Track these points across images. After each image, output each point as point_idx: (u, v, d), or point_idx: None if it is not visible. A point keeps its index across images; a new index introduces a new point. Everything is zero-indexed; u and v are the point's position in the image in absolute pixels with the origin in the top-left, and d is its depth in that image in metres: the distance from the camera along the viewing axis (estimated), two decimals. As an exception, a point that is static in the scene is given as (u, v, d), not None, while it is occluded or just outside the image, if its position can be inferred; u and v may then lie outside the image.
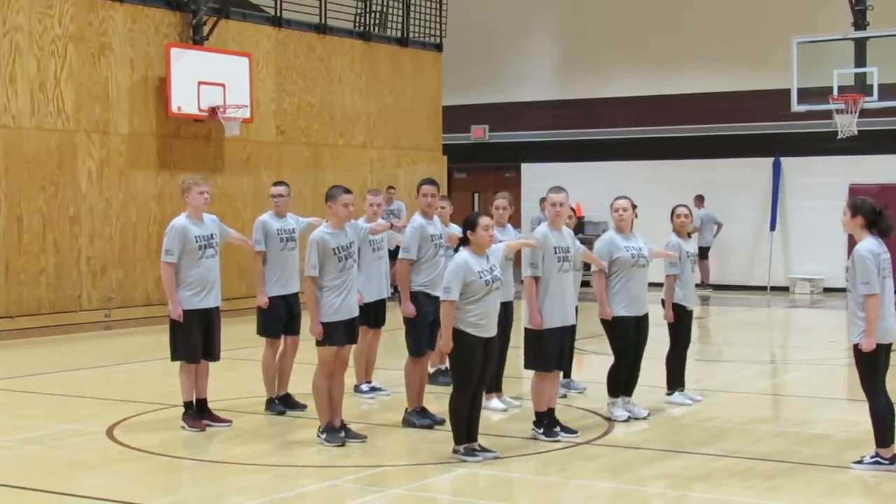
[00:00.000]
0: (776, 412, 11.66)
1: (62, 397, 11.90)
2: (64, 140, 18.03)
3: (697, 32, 25.72)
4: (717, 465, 8.64)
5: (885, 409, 8.31)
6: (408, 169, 24.08)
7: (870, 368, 8.29)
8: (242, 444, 9.49)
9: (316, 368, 9.25)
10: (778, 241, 24.97)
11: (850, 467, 8.41)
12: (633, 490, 7.99)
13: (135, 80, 19.06)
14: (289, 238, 10.72)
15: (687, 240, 11.06)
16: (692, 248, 11.06)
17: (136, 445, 9.30)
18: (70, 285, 18.02)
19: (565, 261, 9.44)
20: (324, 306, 9.16)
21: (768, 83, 23.89)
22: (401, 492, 7.97)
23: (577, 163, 26.44)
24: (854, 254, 8.27)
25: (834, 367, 14.18)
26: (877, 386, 8.32)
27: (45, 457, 9.08)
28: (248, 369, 11.99)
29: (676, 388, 11.08)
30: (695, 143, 25.73)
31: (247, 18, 21.24)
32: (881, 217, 8.35)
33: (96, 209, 18.41)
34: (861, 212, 8.36)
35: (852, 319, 8.31)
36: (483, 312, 8.56)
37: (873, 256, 8.21)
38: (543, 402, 9.43)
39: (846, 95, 19.76)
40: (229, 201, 20.26)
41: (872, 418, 8.37)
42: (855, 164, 23.66)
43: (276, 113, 21.50)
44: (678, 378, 11.09)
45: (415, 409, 9.99)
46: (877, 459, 8.36)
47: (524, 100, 27.66)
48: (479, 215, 8.72)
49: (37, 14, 17.73)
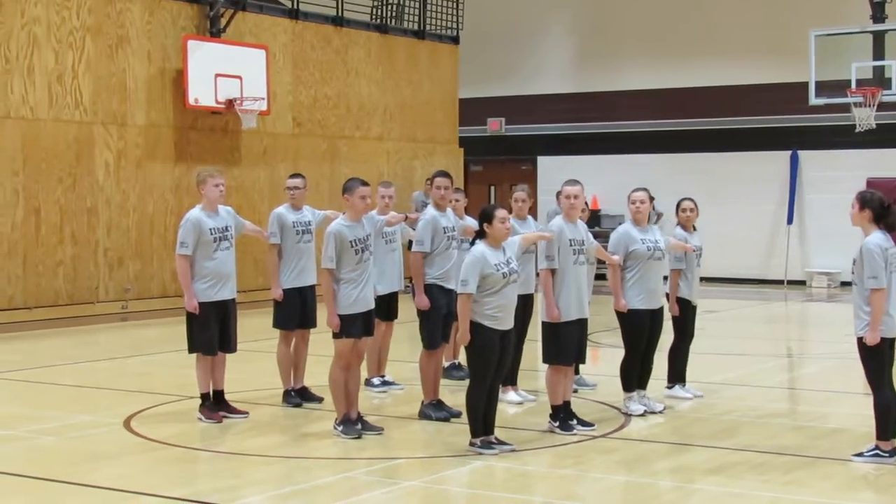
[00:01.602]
0: (793, 406, 11.62)
1: (79, 388, 11.94)
2: (81, 132, 18.07)
3: (713, 25, 25.63)
4: (733, 458, 8.62)
5: (889, 402, 8.28)
6: (424, 161, 24.07)
7: (875, 362, 8.27)
8: (258, 435, 9.51)
9: (332, 361, 9.26)
10: (795, 234, 24.88)
11: (851, 460, 8.39)
12: (648, 483, 7.97)
13: (152, 72, 19.10)
14: (305, 231, 10.71)
15: (692, 233, 10.99)
16: (697, 242, 10.99)
17: (153, 437, 9.32)
18: (87, 277, 18.08)
19: (580, 253, 9.43)
20: (341, 299, 9.16)
21: (786, 76, 23.80)
22: (416, 484, 7.97)
23: (594, 156, 26.38)
24: (862, 247, 8.24)
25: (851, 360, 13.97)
26: (882, 379, 8.30)
27: (61, 448, 9.11)
28: (264, 361, 12.01)
29: (677, 382, 11.03)
30: (711, 136, 25.65)
31: (264, 11, 21.25)
32: (889, 211, 8.32)
33: (113, 201, 18.46)
34: (869, 205, 8.34)
35: (857, 313, 8.29)
36: (500, 305, 8.54)
37: (881, 251, 8.19)
38: (559, 395, 9.42)
39: (864, 88, 19.69)
40: (246, 194, 20.30)
41: (876, 411, 8.36)
42: (873, 157, 23.55)
43: (293, 105, 21.52)
44: (680, 372, 11.04)
45: (431, 402, 9.98)
46: (877, 452, 8.35)
47: (540, 93, 27.61)
48: (495, 207, 8.69)
49: (55, 6, 17.77)
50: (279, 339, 10.76)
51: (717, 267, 24.04)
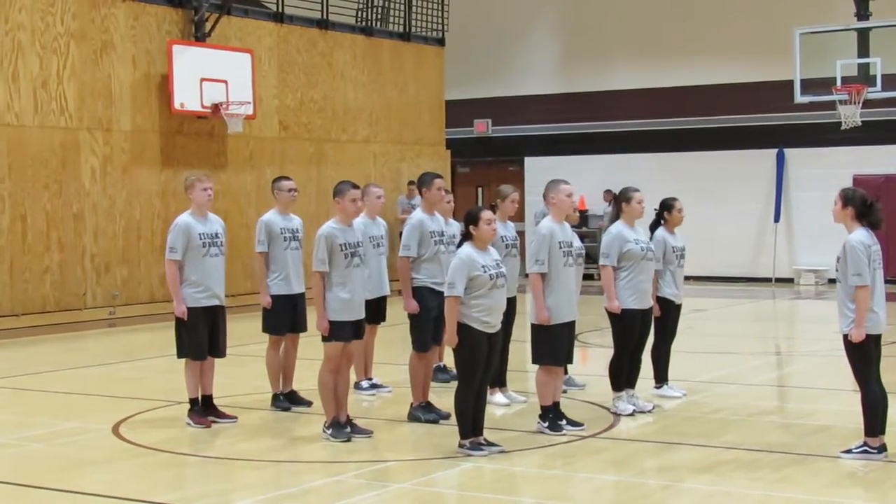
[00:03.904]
0: (781, 404, 11.65)
1: (67, 395, 11.91)
2: (67, 138, 18.03)
3: (700, 24, 25.68)
4: (723, 457, 8.63)
5: (877, 399, 8.30)
6: (411, 164, 24.06)
7: (861, 359, 8.30)
8: (247, 440, 9.49)
9: (322, 364, 9.25)
10: (782, 232, 24.94)
11: (839, 456, 8.40)
12: (638, 483, 7.97)
13: (137, 77, 19.06)
14: (293, 238, 10.67)
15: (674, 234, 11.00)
16: (679, 242, 10.99)
17: (142, 442, 9.30)
18: (74, 283, 18.03)
19: (570, 255, 9.43)
20: (330, 302, 9.14)
21: (771, 74, 23.86)
22: (406, 487, 7.96)
23: (581, 156, 26.40)
24: (846, 244, 8.24)
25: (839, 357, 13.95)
26: (869, 376, 8.32)
27: (50, 454, 9.08)
28: (253, 366, 12.00)
29: (663, 381, 11.03)
30: (698, 135, 25.70)
31: (249, 14, 21.23)
32: (871, 209, 8.33)
33: (100, 206, 18.42)
34: (851, 202, 8.36)
35: (842, 310, 8.30)
36: (488, 307, 8.54)
37: (865, 248, 8.20)
38: (549, 396, 9.42)
39: (849, 86, 19.73)
40: (233, 198, 20.27)
41: (864, 407, 8.37)
42: (859, 154, 23.64)
43: (279, 109, 21.49)
44: (663, 372, 11.05)
45: (420, 404, 9.98)
46: (865, 448, 8.36)
47: (527, 93, 27.64)
48: (481, 209, 8.68)
49: (39, 12, 17.72)
50: (268, 344, 10.73)
51: (705, 265, 24.11)
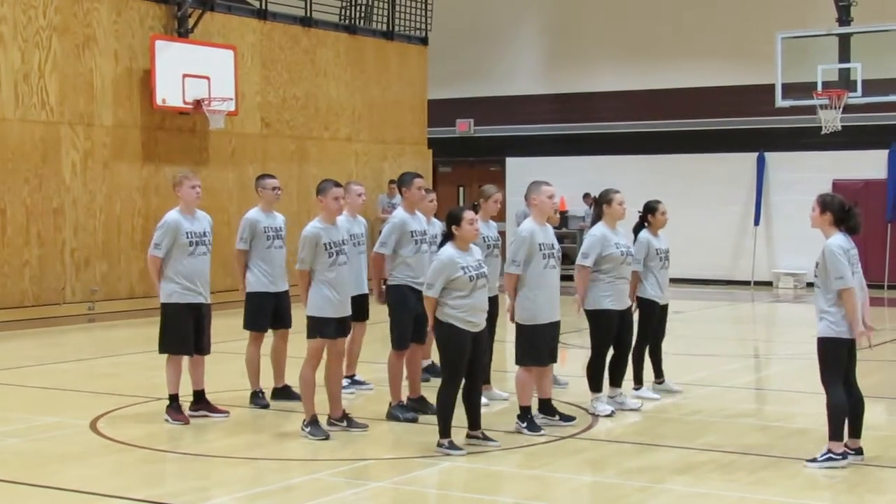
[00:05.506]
0: (760, 406, 11.70)
1: (45, 390, 11.86)
2: (48, 132, 17.96)
3: (682, 27, 25.76)
4: (700, 458, 8.67)
5: (840, 403, 8.27)
6: (393, 163, 24.06)
7: (830, 363, 8.29)
8: (227, 437, 9.48)
9: (304, 360, 9.24)
10: (762, 235, 25.05)
11: (805, 466, 8.30)
12: (616, 483, 8.00)
13: (119, 72, 19.00)
14: (276, 236, 10.66)
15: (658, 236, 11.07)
16: (663, 244, 11.05)
17: (120, 438, 9.28)
18: (54, 278, 17.97)
19: (551, 257, 9.45)
20: (313, 299, 9.14)
21: (753, 78, 23.94)
22: (386, 485, 7.97)
23: (563, 157, 26.45)
24: (825, 249, 8.24)
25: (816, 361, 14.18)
26: (836, 380, 8.28)
27: (27, 449, 9.05)
28: (233, 362, 11.97)
29: (641, 382, 11.08)
30: (679, 138, 25.78)
31: (232, 11, 21.19)
32: (850, 214, 8.34)
33: (80, 201, 18.36)
34: (830, 208, 8.38)
35: (819, 315, 8.31)
36: (471, 306, 8.57)
37: (843, 252, 8.21)
38: (528, 396, 9.44)
39: (830, 91, 19.81)
40: (215, 195, 20.19)
41: (828, 412, 8.30)
42: (839, 159, 23.75)
43: (261, 106, 21.46)
44: (637, 373, 11.07)
45: (399, 403, 9.99)
46: (829, 456, 8.27)
47: (509, 93, 27.67)
48: (463, 210, 8.70)
49: (21, 5, 17.65)
50: (249, 341, 10.73)
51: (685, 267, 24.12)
